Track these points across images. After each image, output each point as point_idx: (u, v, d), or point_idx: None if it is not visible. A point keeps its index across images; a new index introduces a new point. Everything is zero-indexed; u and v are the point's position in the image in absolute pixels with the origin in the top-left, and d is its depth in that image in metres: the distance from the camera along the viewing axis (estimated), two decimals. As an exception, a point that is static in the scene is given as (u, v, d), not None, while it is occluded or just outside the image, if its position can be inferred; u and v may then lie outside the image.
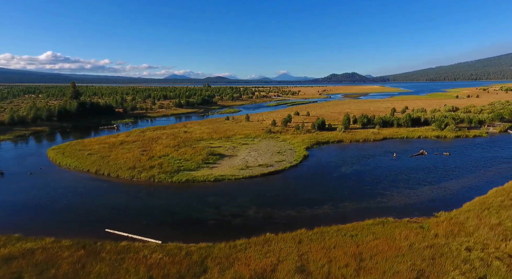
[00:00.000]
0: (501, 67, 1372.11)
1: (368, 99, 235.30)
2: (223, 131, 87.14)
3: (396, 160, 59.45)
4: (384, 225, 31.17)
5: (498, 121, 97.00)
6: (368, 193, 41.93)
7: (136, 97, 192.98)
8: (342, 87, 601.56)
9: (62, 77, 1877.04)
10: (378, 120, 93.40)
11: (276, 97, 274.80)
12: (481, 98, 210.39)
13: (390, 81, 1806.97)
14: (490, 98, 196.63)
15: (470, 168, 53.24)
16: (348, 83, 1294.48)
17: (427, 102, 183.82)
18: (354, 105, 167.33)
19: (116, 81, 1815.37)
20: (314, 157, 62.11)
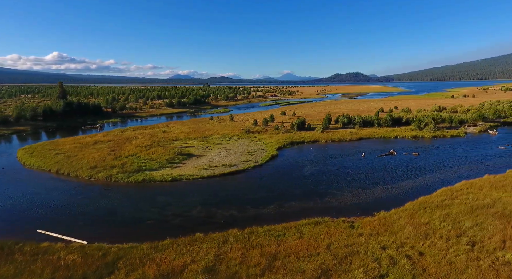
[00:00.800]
0: (507, 66, 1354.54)
1: (364, 99, 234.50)
2: (203, 131, 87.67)
3: (362, 160, 59.51)
4: (317, 225, 31.39)
5: (480, 121, 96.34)
6: (320, 193, 42.12)
7: (129, 97, 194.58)
8: (343, 87, 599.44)
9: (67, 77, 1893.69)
10: (359, 120, 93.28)
11: (272, 97, 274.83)
12: (477, 97, 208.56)
13: (395, 80, 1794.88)
14: (485, 98, 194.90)
15: (432, 168, 53.16)
16: (352, 83, 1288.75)
17: (421, 101, 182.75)
18: (346, 105, 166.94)
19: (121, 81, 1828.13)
20: (282, 157, 62.38)
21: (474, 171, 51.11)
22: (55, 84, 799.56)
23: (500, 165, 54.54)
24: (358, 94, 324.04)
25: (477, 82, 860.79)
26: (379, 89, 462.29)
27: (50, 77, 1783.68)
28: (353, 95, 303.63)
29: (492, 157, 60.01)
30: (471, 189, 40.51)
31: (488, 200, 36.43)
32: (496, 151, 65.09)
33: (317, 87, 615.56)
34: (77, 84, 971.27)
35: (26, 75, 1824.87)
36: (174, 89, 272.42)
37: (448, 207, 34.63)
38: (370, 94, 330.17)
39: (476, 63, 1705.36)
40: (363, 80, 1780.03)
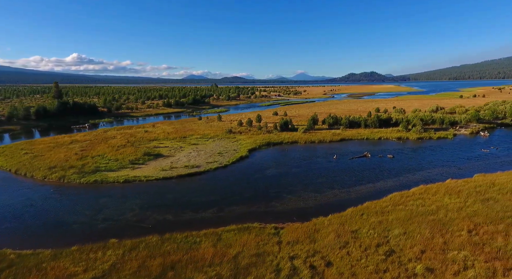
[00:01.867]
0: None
1: (369, 99, 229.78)
2: (185, 131, 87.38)
3: (333, 162, 57.65)
4: (241, 232, 30.19)
5: (475, 122, 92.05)
6: (269, 197, 40.72)
7: (130, 97, 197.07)
8: (353, 87, 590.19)
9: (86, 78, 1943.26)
10: (345, 121, 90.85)
11: (276, 97, 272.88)
12: (488, 97, 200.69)
13: (411, 80, 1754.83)
14: (497, 98, 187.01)
15: (399, 171, 50.87)
16: (366, 83, 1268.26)
17: (424, 102, 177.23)
18: (345, 105, 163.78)
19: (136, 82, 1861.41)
20: (252, 158, 61.17)
21: (441, 175, 48.55)
22: (76, 84, 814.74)
23: (471, 169, 51.72)
24: (366, 94, 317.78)
25: (498, 81, 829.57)
26: (390, 89, 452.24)
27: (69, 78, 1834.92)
28: (359, 95, 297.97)
29: (469, 161, 56.98)
30: (423, 195, 38.35)
31: (433, 206, 34.34)
32: (477, 154, 61.84)
33: (328, 87, 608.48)
34: (94, 84, 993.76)
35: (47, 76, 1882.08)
36: (179, 90, 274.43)
37: (387, 214, 32.79)
38: (379, 94, 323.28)
39: (498, 61, 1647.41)
40: (378, 80, 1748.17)
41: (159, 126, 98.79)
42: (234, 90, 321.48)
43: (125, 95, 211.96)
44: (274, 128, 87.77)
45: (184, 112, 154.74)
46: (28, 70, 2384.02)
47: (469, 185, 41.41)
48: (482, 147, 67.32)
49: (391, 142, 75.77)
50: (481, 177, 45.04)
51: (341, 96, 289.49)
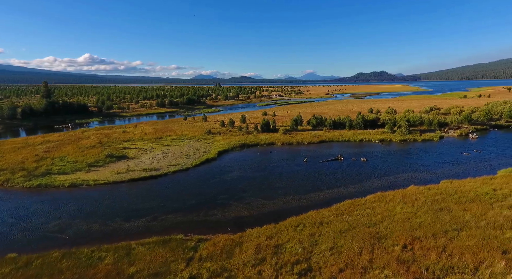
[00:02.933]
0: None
1: (370, 99, 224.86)
2: (164, 131, 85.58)
3: (301, 165, 54.90)
4: (157, 245, 27.60)
5: (466, 124, 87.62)
6: (215, 204, 38.20)
7: (126, 96, 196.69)
8: (359, 87, 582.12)
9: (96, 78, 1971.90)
10: (329, 122, 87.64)
11: (276, 96, 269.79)
12: (493, 97, 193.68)
13: (422, 80, 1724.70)
14: (503, 98, 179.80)
15: (365, 177, 47.80)
16: (375, 82, 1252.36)
17: (424, 102, 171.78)
18: (341, 106, 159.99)
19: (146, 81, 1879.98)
20: (219, 161, 58.79)
21: (408, 180, 45.38)
22: (87, 84, 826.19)
23: (443, 174, 48.39)
24: (370, 94, 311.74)
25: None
26: (396, 88, 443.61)
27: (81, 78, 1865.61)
28: (362, 95, 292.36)
29: (444, 165, 53.49)
30: (376, 203, 35.36)
31: (379, 217, 31.40)
32: (457, 157, 58.14)
33: (332, 87, 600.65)
34: (103, 84, 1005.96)
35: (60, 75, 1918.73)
36: (179, 89, 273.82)
37: (325, 225, 29.98)
38: (383, 93, 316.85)
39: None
40: (387, 79, 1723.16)
41: (142, 126, 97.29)
42: (236, 89, 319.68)
43: (121, 94, 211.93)
44: (254, 129, 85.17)
45: (178, 112, 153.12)
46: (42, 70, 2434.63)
47: (430, 192, 38.21)
48: (465, 150, 63.43)
49: (373, 144, 72.41)
50: (447, 184, 41.70)
51: (343, 96, 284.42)
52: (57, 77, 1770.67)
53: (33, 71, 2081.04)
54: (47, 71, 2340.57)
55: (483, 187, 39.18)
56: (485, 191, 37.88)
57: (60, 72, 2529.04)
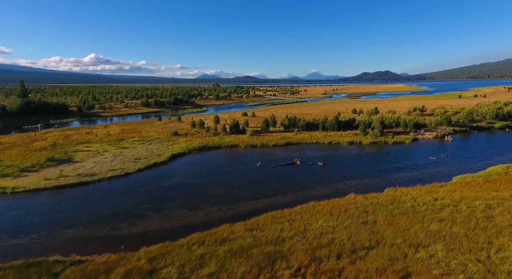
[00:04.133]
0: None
1: (365, 99, 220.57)
2: (130, 132, 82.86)
3: (252, 170, 51.78)
4: (13, 271, 24.17)
5: (445, 125, 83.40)
6: (129, 215, 34.78)
7: (114, 96, 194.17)
8: (360, 86, 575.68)
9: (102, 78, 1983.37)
10: (302, 123, 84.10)
11: (269, 96, 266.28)
12: (489, 97, 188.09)
13: (427, 79, 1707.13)
14: (500, 98, 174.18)
15: (312, 183, 44.56)
16: (379, 82, 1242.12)
17: (418, 102, 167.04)
18: (330, 106, 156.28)
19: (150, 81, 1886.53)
20: (168, 165, 55.76)
21: (355, 188, 42.11)
22: (92, 84, 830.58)
23: (395, 180, 45.18)
24: (367, 94, 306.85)
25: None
26: (396, 88, 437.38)
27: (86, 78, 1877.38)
28: (358, 95, 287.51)
29: (402, 170, 50.02)
30: (300, 215, 32.10)
31: (292, 232, 28.23)
32: (420, 162, 54.52)
33: (334, 86, 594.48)
34: (108, 83, 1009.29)
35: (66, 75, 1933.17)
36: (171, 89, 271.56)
37: (226, 243, 26.74)
38: (380, 93, 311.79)
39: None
40: (392, 79, 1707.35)
41: (112, 127, 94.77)
42: (231, 89, 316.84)
43: (110, 94, 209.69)
44: (223, 130, 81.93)
45: (163, 112, 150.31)
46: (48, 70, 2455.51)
47: (366, 202, 34.79)
48: (433, 153, 59.54)
49: (341, 147, 68.89)
50: (391, 192, 38.29)
51: (339, 96, 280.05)
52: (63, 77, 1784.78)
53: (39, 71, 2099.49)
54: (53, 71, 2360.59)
55: (425, 197, 35.65)
56: (425, 201, 34.38)
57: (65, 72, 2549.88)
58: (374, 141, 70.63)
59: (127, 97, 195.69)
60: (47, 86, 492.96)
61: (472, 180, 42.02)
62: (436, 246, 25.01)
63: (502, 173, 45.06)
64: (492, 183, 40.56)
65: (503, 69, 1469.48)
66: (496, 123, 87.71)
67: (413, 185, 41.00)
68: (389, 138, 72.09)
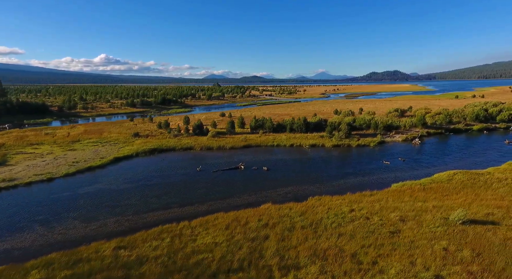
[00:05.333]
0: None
1: (360, 99, 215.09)
2: (91, 133, 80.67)
3: (190, 175, 48.68)
4: None
5: (420, 127, 78.55)
6: (13, 227, 31.92)
7: (101, 96, 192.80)
8: (363, 86, 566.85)
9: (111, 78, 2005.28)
10: (269, 125, 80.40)
11: (264, 96, 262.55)
12: (487, 98, 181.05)
13: (437, 79, 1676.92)
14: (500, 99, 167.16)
15: (241, 191, 41.26)
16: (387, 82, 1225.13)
17: (411, 102, 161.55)
18: (318, 106, 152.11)
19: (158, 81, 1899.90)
20: (105, 169, 52.74)
21: (282, 197, 38.79)
22: (101, 84, 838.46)
23: (331, 188, 41.72)
24: (366, 94, 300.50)
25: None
26: (398, 88, 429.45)
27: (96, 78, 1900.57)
28: (356, 95, 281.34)
29: (346, 176, 46.55)
30: (192, 229, 29.15)
31: (165, 251, 25.12)
32: (371, 167, 50.77)
33: (336, 86, 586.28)
34: (115, 83, 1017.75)
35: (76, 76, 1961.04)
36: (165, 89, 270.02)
37: (76, 267, 23.42)
38: (380, 93, 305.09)
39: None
40: (401, 79, 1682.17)
41: (78, 127, 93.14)
42: (231, 89, 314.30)
43: (99, 94, 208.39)
44: (186, 132, 78.81)
45: (148, 112, 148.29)
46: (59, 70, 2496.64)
47: (278, 213, 31.78)
48: (392, 157, 55.38)
49: (301, 150, 65.11)
50: (313, 202, 35.25)
51: (337, 96, 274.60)
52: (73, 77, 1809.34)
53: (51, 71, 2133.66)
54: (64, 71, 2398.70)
55: (343, 207, 32.15)
56: (339, 212, 30.90)
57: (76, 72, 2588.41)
58: (337, 144, 66.67)
59: (117, 97, 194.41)
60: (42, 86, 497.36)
61: (407, 188, 38.13)
62: (311, 268, 21.66)
63: (445, 180, 40.89)
64: (426, 191, 36.76)
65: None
66: (475, 125, 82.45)
67: (346, 193, 37.24)
68: (354, 141, 67.97)
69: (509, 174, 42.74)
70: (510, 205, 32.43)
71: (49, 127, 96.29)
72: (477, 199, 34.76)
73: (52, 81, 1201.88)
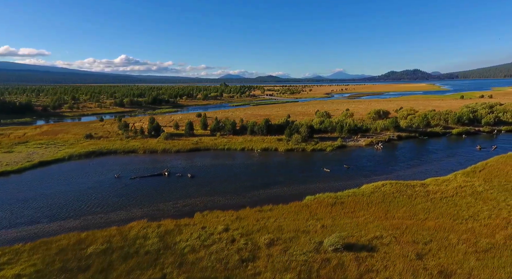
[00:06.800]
0: None
1: (362, 100, 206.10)
2: (50, 134, 78.84)
3: (100, 182, 44.64)
4: None
5: (392, 131, 71.48)
6: None
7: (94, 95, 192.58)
8: (372, 86, 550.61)
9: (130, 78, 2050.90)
10: (229, 127, 75.57)
11: (264, 96, 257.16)
12: (495, 98, 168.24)
13: (459, 78, 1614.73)
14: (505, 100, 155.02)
15: (136, 202, 36.93)
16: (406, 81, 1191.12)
17: (410, 103, 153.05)
18: (308, 107, 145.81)
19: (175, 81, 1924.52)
20: (22, 174, 49.35)
21: (176, 212, 34.06)
22: (120, 84, 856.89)
23: (243, 199, 37.02)
24: (374, 94, 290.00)
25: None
26: (408, 88, 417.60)
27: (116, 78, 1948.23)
28: (361, 95, 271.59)
29: (271, 186, 41.87)
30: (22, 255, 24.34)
31: None
32: (307, 175, 45.55)
33: (345, 85, 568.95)
34: (136, 83, 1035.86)
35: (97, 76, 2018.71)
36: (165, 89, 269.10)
37: None
38: (388, 93, 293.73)
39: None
40: (421, 78, 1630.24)
41: (44, 127, 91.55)
42: (235, 89, 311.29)
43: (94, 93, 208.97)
44: (140, 133, 75.14)
45: (135, 112, 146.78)
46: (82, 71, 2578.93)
47: (141, 232, 27.32)
48: (338, 164, 49.58)
49: (251, 154, 60.18)
50: (197, 217, 31.36)
51: (340, 96, 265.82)
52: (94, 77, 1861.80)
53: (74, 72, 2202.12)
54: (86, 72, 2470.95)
55: (219, 226, 28.73)
56: (210, 232, 26.99)
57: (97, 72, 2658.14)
58: (292, 148, 61.19)
59: (112, 96, 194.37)
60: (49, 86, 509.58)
61: (315, 203, 33.14)
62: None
63: (367, 193, 35.20)
64: (334, 207, 32.09)
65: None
66: (455, 128, 74.41)
67: (246, 207, 32.73)
68: (310, 145, 62.15)
69: (445, 186, 36.40)
70: (413, 225, 26.78)
71: (12, 127, 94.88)
72: (384, 216, 29.20)
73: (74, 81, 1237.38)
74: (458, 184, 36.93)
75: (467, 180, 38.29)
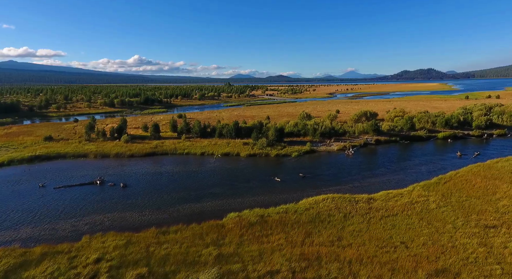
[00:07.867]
0: None
1: (361, 100, 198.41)
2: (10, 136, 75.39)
3: (15, 193, 40.25)
4: None
5: (371, 134, 65.09)
6: None
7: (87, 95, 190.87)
8: (381, 85, 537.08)
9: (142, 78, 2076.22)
10: (197, 129, 70.74)
11: (263, 96, 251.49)
12: (503, 99, 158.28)
13: (476, 77, 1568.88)
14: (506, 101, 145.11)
15: (50, 218, 32.11)
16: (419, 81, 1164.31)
17: (410, 104, 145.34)
18: (300, 107, 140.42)
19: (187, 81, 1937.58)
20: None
21: (73, 232, 28.99)
22: (132, 84, 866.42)
23: (147, 217, 30.97)
24: (378, 94, 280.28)
25: None
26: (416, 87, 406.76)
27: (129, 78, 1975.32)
28: (364, 95, 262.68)
29: (202, 199, 36.73)
30: None
31: None
32: (253, 185, 40.61)
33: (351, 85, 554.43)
34: (148, 83, 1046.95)
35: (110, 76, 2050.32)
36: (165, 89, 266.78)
37: None
38: (394, 93, 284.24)
39: None
40: (435, 77, 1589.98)
41: (13, 128, 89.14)
42: (237, 89, 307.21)
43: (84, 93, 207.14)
44: (102, 135, 71.05)
45: (125, 112, 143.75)
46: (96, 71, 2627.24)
47: None
48: (293, 172, 44.09)
49: (209, 159, 55.17)
50: (84, 242, 25.37)
51: (342, 96, 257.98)
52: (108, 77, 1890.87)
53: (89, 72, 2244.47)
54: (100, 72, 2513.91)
55: (93, 255, 22.29)
56: (74, 264, 21.16)
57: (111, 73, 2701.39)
58: (255, 153, 55.92)
59: (107, 96, 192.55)
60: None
61: (235, 222, 28.33)
62: None
63: (301, 209, 29.98)
64: (255, 227, 27.74)
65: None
66: (441, 131, 67.34)
67: (152, 227, 27.73)
68: (276, 150, 56.62)
69: (394, 202, 30.73)
70: (328, 254, 21.78)
71: None
72: (300, 242, 24.53)
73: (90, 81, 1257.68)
74: (410, 200, 31.06)
75: (423, 195, 32.31)
